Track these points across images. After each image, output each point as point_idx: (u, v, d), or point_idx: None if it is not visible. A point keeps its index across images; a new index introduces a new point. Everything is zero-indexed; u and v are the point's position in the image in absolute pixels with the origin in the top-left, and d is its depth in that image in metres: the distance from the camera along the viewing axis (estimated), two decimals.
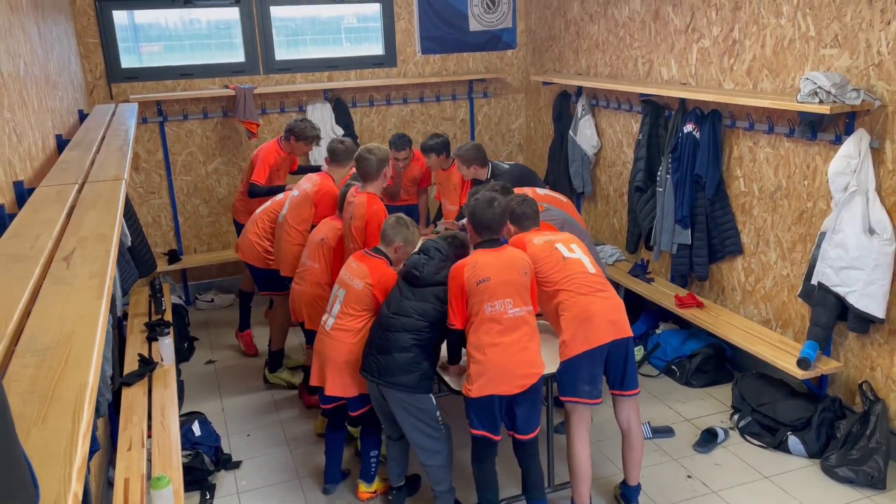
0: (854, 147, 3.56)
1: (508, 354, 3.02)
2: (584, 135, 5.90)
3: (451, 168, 5.14)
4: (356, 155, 4.01)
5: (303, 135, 5.07)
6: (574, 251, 3.31)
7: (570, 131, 6.02)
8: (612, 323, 3.16)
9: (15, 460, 0.72)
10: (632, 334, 3.25)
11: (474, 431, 3.11)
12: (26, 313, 1.39)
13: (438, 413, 3.24)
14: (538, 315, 3.28)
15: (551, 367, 3.21)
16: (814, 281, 3.85)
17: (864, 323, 3.71)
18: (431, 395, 3.22)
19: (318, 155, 5.93)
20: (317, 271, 4.03)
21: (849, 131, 3.68)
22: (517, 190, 3.95)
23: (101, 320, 1.27)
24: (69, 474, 0.84)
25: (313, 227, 4.31)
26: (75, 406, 0.99)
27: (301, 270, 4.13)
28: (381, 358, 3.17)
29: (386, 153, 3.98)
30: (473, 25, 6.64)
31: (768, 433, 3.99)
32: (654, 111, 5.09)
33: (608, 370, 3.24)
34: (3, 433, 0.70)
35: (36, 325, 1.30)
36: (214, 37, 6.26)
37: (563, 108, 6.26)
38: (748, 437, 4.05)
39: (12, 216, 2.15)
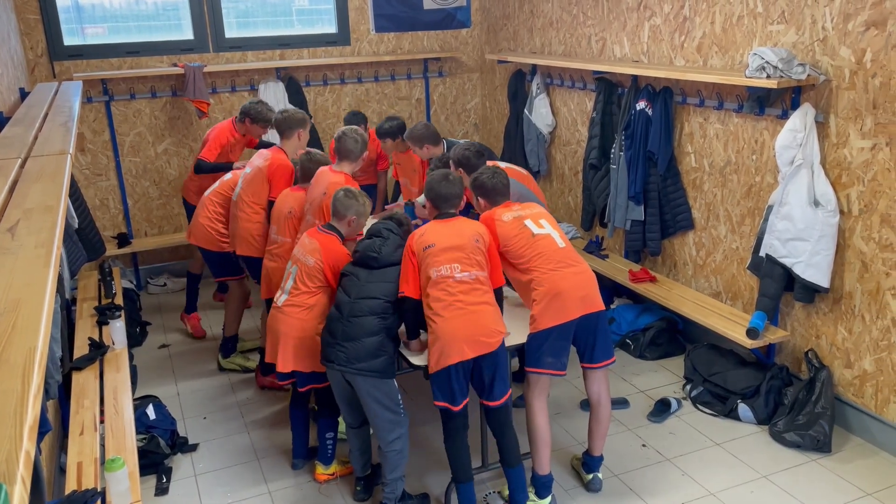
0: (800, 121, 3.66)
1: (461, 317, 3.00)
2: (539, 113, 5.92)
3: (410, 150, 5.10)
4: (337, 135, 4.03)
5: (259, 117, 4.93)
6: (543, 227, 3.30)
7: (526, 110, 6.04)
8: (582, 298, 3.16)
9: None
10: (603, 307, 3.24)
11: (436, 403, 3.12)
12: None
13: (399, 396, 3.25)
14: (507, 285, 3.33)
15: (519, 339, 3.24)
16: (762, 253, 3.95)
17: (810, 293, 3.83)
18: (394, 379, 3.23)
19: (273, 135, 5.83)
20: (289, 245, 3.94)
21: (795, 106, 3.77)
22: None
23: (50, 287, 1.24)
24: (20, 433, 0.82)
25: (271, 202, 4.25)
26: (24, 369, 0.96)
27: (273, 248, 4.07)
28: (348, 345, 3.13)
29: (365, 139, 4.06)
30: (428, 3, 6.59)
31: (719, 402, 4.11)
32: (608, 89, 5.14)
33: (577, 343, 3.27)
34: None
35: None
36: (160, 18, 6.08)
37: (519, 87, 6.27)
38: (700, 406, 4.16)
39: None
